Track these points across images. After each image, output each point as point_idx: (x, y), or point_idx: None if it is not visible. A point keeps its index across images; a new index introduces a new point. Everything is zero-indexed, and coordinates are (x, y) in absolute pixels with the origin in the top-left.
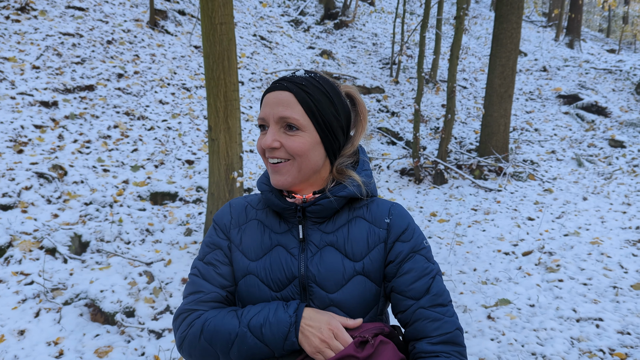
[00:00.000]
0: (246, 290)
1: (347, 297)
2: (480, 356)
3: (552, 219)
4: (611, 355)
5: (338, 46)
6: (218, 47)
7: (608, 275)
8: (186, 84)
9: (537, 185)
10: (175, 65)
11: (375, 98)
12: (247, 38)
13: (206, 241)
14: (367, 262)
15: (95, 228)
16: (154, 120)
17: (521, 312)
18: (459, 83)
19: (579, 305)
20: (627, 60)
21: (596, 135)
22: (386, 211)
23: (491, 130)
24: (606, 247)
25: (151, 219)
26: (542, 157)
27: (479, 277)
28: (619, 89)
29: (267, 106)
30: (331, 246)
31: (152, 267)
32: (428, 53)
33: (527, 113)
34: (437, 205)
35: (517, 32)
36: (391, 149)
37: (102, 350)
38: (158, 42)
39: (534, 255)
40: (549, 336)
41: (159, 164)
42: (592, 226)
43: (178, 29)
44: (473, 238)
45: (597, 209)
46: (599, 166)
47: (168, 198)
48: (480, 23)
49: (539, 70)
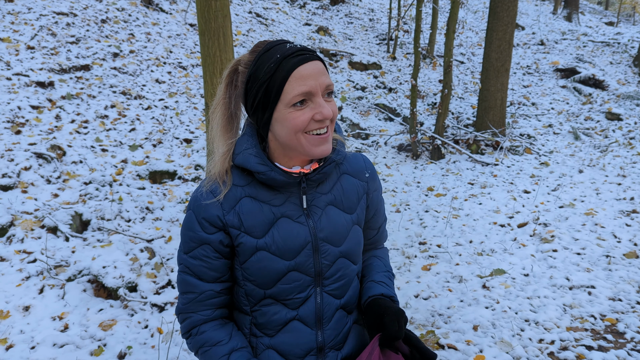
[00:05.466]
0: (258, 265)
1: (350, 247)
2: (475, 323)
3: (548, 192)
4: (602, 321)
5: (334, 22)
6: (213, 24)
7: (601, 245)
8: (182, 63)
9: (534, 159)
10: (171, 44)
11: (372, 74)
12: (243, 15)
13: (190, 236)
14: (359, 212)
15: (95, 207)
16: (150, 99)
17: (515, 281)
18: (456, 58)
19: (572, 274)
20: (626, 32)
21: (593, 108)
22: (362, 164)
23: (488, 105)
24: (600, 217)
25: (151, 197)
26: (539, 131)
27: (475, 249)
28: (617, 62)
29: (311, 78)
30: (331, 205)
31: (153, 244)
32: (425, 28)
33: (524, 87)
34: (435, 180)
35: (514, 5)
36: (388, 125)
37: (107, 324)
38: (153, 21)
39: (529, 226)
40: (542, 303)
41: (157, 143)
42: (587, 198)
43: (173, 7)
44: (469, 211)
45: (593, 181)
46: (595, 139)
47: (167, 177)
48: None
49: (536, 44)
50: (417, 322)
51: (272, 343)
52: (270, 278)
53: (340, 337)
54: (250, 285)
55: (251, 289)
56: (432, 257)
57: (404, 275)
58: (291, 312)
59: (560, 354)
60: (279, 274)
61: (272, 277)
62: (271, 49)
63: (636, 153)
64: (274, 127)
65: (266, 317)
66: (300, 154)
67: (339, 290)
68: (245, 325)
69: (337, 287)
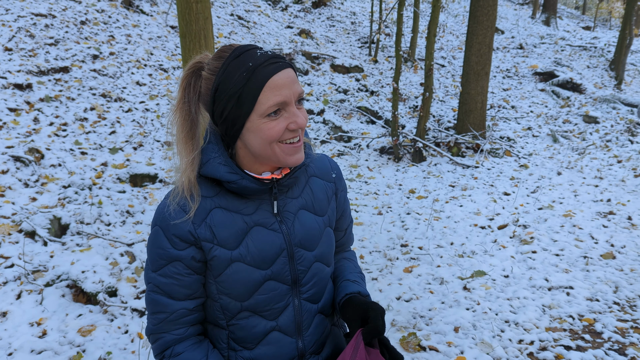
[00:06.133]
0: (234, 277)
1: (324, 250)
2: (456, 325)
3: (527, 194)
4: (580, 321)
5: (316, 25)
6: (194, 26)
7: (579, 246)
8: (163, 65)
9: (514, 161)
10: (151, 46)
11: (354, 77)
12: (225, 17)
13: (159, 253)
14: (329, 214)
15: (74, 210)
16: (131, 102)
17: (496, 282)
18: (437, 61)
19: (551, 275)
20: (602, 37)
21: (571, 111)
22: (328, 165)
23: (468, 108)
24: (578, 219)
25: (131, 201)
26: (519, 134)
27: (456, 251)
28: (594, 66)
29: (285, 88)
30: (303, 209)
31: (133, 248)
32: (406, 31)
33: (504, 90)
34: (416, 183)
35: (493, 9)
36: (370, 127)
37: (86, 329)
38: (133, 22)
39: (509, 228)
40: (521, 304)
41: (138, 146)
42: (566, 200)
43: (153, 9)
44: (450, 213)
45: (571, 183)
46: (573, 142)
47: (148, 180)
48: (459, 1)
49: (515, 47)
50: (399, 324)
51: (252, 356)
52: (246, 290)
53: (320, 341)
54: (226, 299)
55: (227, 302)
56: (413, 259)
57: (386, 277)
58: (270, 323)
59: (539, 354)
60: (255, 285)
61: (248, 289)
62: (241, 56)
63: (612, 155)
64: (246, 137)
65: (245, 331)
66: (274, 163)
67: (316, 295)
68: (222, 339)
69: (314, 293)
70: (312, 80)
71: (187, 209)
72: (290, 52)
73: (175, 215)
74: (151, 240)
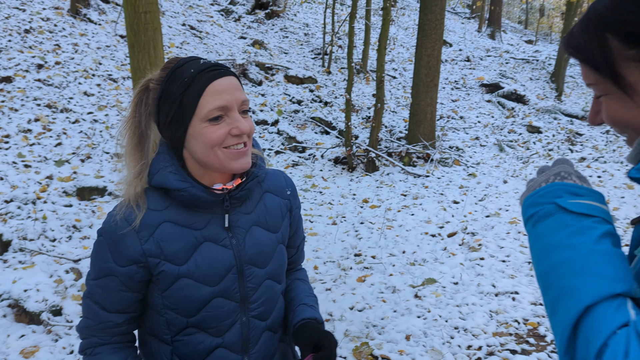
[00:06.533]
0: (181, 293)
1: (276, 267)
2: (407, 333)
3: (476, 202)
4: (525, 325)
5: (270, 36)
6: (143, 37)
7: (524, 252)
8: (112, 75)
9: (462, 170)
10: (100, 56)
11: (308, 88)
12: (176, 27)
13: (98, 265)
14: (283, 231)
15: (17, 226)
16: (78, 112)
17: (446, 289)
18: (389, 73)
19: (497, 281)
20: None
21: (516, 121)
22: (283, 181)
23: (419, 119)
24: (523, 226)
25: (78, 215)
26: (467, 144)
27: (408, 259)
28: (536, 78)
29: (226, 93)
30: (256, 225)
31: (80, 264)
32: (358, 43)
33: (452, 101)
34: (369, 192)
35: (440, 23)
36: (325, 138)
37: (29, 351)
38: (81, 31)
39: (458, 236)
40: (470, 310)
41: (86, 158)
42: (511, 207)
43: (102, 18)
44: (402, 222)
45: (516, 190)
46: (518, 151)
47: (96, 193)
48: (408, 14)
49: (463, 60)
50: (352, 334)
51: None
52: (193, 306)
53: (267, 358)
54: (172, 314)
55: (173, 318)
56: (367, 269)
57: (340, 287)
58: (216, 340)
59: (487, 359)
60: (202, 302)
61: (195, 305)
62: (184, 65)
63: None
64: (189, 144)
65: (190, 347)
66: (219, 170)
67: (265, 313)
68: (166, 355)
69: (264, 310)
70: (266, 91)
71: (131, 220)
72: (243, 62)
73: (120, 225)
74: (94, 249)
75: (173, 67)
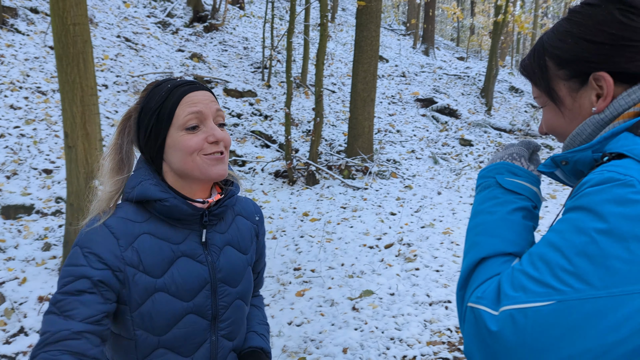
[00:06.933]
0: (155, 308)
1: (245, 288)
2: (344, 346)
3: (412, 213)
4: (457, 333)
5: (208, 49)
6: (72, 49)
7: (456, 262)
8: (42, 87)
9: (399, 183)
10: (28, 67)
11: (248, 102)
12: (111, 39)
13: (69, 271)
14: (251, 254)
15: None
16: (4, 127)
17: (382, 301)
18: (328, 87)
19: (432, 290)
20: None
21: (449, 135)
22: (252, 207)
23: (357, 133)
24: (456, 236)
25: (3, 235)
26: (404, 157)
27: (346, 271)
28: (467, 93)
29: (201, 103)
30: (229, 245)
31: (3, 287)
32: (298, 58)
33: (389, 116)
34: (310, 205)
35: (376, 39)
36: (265, 151)
37: None
38: (7, 42)
39: (394, 247)
40: (405, 321)
41: (12, 175)
42: (445, 217)
43: (30, 28)
44: (342, 234)
45: (449, 202)
46: (451, 163)
47: (23, 211)
48: (347, 30)
49: (399, 75)
50: (289, 350)
51: None
52: (166, 322)
53: None
54: (143, 334)
55: (143, 339)
56: (306, 282)
57: (279, 303)
58: None
59: None
60: (175, 318)
61: (168, 322)
62: (162, 83)
63: None
64: (168, 155)
65: None
66: (197, 177)
67: (233, 333)
68: None
69: (232, 330)
70: None
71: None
72: (181, 75)
73: (99, 231)
74: (66, 261)
75: (152, 86)
